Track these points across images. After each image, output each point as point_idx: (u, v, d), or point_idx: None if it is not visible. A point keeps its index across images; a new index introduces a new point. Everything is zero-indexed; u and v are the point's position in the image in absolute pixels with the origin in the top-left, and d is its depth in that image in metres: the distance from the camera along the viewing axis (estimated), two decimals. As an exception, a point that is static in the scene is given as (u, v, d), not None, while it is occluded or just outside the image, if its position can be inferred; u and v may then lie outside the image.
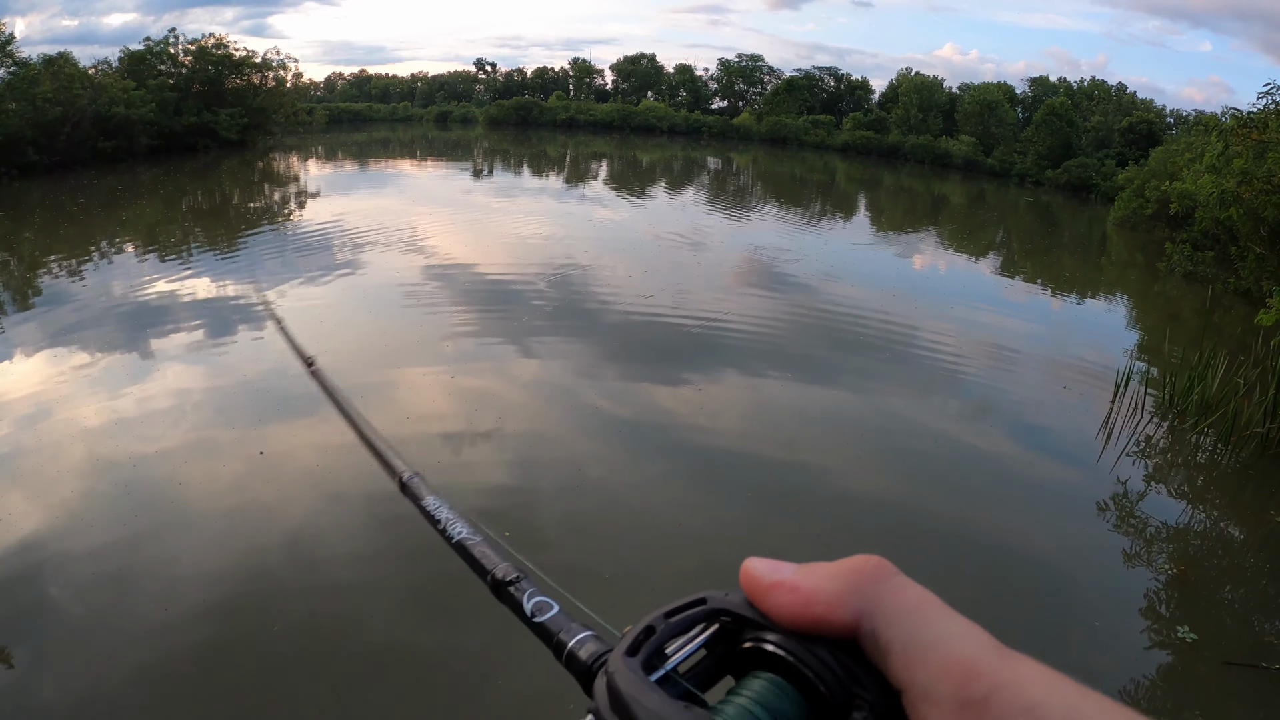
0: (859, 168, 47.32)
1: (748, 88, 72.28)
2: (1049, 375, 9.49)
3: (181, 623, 3.96)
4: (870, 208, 29.95)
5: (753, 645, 0.38)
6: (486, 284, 11.56)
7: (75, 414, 6.40)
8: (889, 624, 0.35)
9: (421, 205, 20.42)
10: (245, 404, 6.71)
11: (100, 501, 5.08)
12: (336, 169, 32.54)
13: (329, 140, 46.03)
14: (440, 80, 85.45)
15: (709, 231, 18.69)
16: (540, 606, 0.49)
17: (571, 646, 0.44)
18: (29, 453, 5.77)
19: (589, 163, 40.34)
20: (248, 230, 16.44)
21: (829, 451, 6.62)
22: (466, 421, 6.56)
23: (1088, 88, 53.45)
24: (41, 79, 23.73)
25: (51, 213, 18.08)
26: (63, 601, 4.16)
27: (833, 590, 0.36)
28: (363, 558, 4.61)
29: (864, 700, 0.34)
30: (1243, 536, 5.97)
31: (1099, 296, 15.86)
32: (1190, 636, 4.41)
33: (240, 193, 23.44)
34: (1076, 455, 7.08)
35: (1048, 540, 5.54)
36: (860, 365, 9.00)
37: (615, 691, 0.35)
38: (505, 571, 0.53)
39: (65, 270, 12.00)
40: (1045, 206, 35.24)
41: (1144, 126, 42.86)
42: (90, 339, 8.45)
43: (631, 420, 6.96)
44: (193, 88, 32.10)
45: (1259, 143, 12.33)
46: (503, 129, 63.39)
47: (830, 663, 0.35)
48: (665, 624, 0.38)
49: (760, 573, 0.39)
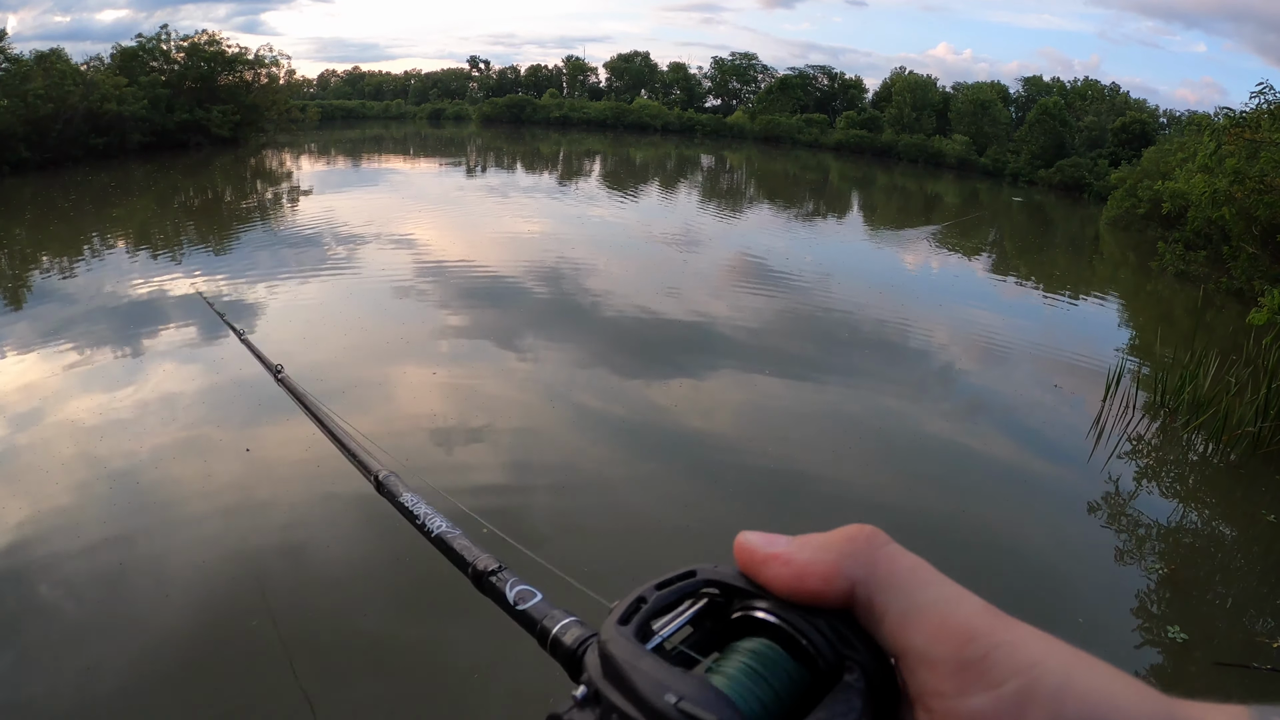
0: (852, 167, 47.37)
1: (741, 86, 72.42)
2: (1040, 374, 9.51)
3: (173, 620, 3.94)
4: (863, 207, 29.99)
5: (742, 614, 0.38)
6: (478, 282, 11.53)
7: (65, 412, 6.37)
8: (883, 590, 0.35)
9: (414, 203, 20.39)
10: (235, 401, 6.67)
11: (90, 499, 5.04)
12: (329, 166, 32.40)
13: (322, 137, 45.88)
14: (434, 78, 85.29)
15: (702, 230, 18.70)
16: (523, 595, 0.49)
17: (556, 632, 0.44)
18: (19, 450, 5.73)
19: (582, 161, 40.28)
20: (240, 227, 16.38)
21: (821, 449, 6.61)
22: (457, 419, 6.54)
23: (1081, 88, 53.60)
24: (33, 75, 23.58)
25: (43, 209, 17.98)
26: (51, 600, 4.13)
27: (827, 561, 0.36)
28: (352, 553, 4.60)
29: (855, 662, 0.35)
30: (1234, 536, 5.98)
31: (1091, 296, 15.90)
32: (1181, 636, 4.42)
33: (232, 190, 23.35)
34: (1067, 454, 7.09)
35: (1038, 539, 5.54)
36: (853, 363, 9.01)
37: (608, 658, 0.35)
38: (486, 563, 0.53)
39: (56, 268, 11.93)
40: (1038, 206, 35.33)
41: (1137, 126, 43.03)
42: (81, 337, 8.39)
43: (624, 418, 6.95)
44: (185, 84, 31.96)
45: (1251, 142, 12.38)
46: (496, 127, 63.30)
47: (821, 627, 0.35)
48: (656, 595, 0.38)
49: (755, 545, 0.38)
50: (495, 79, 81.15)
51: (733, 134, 62.33)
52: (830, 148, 56.79)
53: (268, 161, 31.08)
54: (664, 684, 0.32)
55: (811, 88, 66.20)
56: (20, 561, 4.42)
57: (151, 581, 4.29)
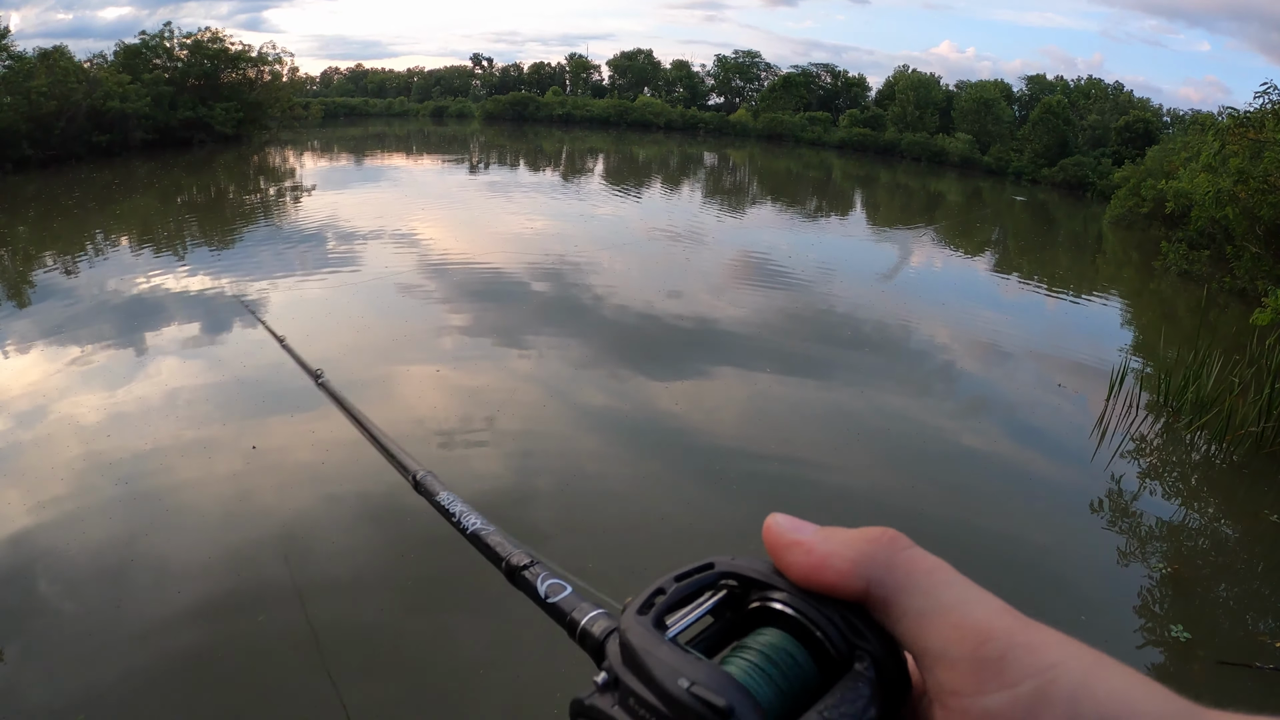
0: (855, 165, 47.32)
1: (744, 84, 72.26)
2: (1044, 373, 9.51)
3: (176, 618, 3.95)
4: (866, 205, 29.96)
5: (759, 605, 0.39)
6: (482, 279, 11.53)
7: (70, 409, 6.39)
8: (903, 590, 0.36)
9: (417, 200, 20.39)
10: (240, 399, 6.69)
11: (94, 497, 5.06)
12: (332, 163, 32.40)
13: (324, 135, 45.91)
14: (436, 75, 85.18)
15: (705, 228, 18.70)
16: (553, 588, 0.50)
17: (584, 624, 0.45)
18: (24, 448, 5.75)
19: (585, 158, 40.27)
20: (243, 225, 16.40)
21: (824, 448, 6.61)
22: (461, 418, 6.55)
23: (1084, 86, 53.42)
24: (36, 73, 23.62)
25: (46, 207, 18.01)
26: (55, 598, 4.14)
27: (847, 556, 0.37)
28: (358, 552, 4.61)
29: (865, 652, 0.36)
30: (1236, 535, 5.98)
31: (1094, 295, 15.89)
32: (1184, 635, 4.42)
33: (235, 187, 23.37)
34: (1071, 453, 7.09)
35: (1041, 538, 5.55)
36: (856, 362, 9.01)
37: (628, 646, 0.36)
38: (519, 558, 0.55)
39: (60, 265, 11.96)
40: (1041, 205, 35.28)
41: (1140, 125, 42.90)
42: (85, 334, 8.42)
43: (629, 416, 6.96)
44: (188, 82, 31.99)
45: (1255, 142, 12.36)
46: (499, 124, 63.30)
47: (834, 617, 0.37)
48: (675, 586, 0.40)
49: (782, 529, 0.40)
50: (498, 76, 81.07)
51: (736, 132, 62.27)
52: (833, 146, 56.71)
53: (271, 159, 31.11)
54: (679, 670, 0.34)
55: (815, 86, 66.09)
56: (26, 557, 4.44)
57: (155, 580, 4.31)
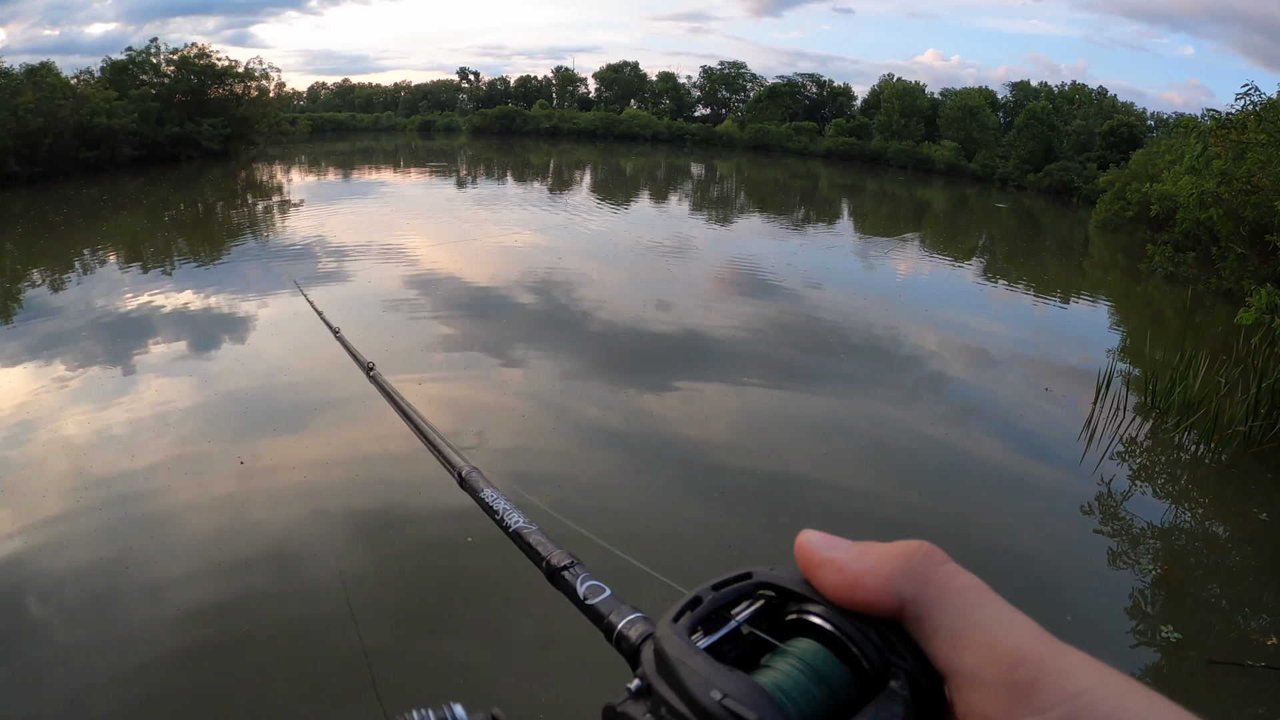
0: (842, 174, 47.52)
1: (730, 95, 72.54)
2: (1032, 377, 9.55)
3: (166, 637, 3.92)
4: (853, 213, 30.10)
5: (796, 617, 0.39)
6: (470, 293, 11.53)
7: (57, 427, 6.34)
8: (936, 609, 0.36)
9: (404, 215, 20.38)
10: (229, 416, 6.66)
11: (83, 515, 5.02)
12: (320, 179, 32.38)
13: (312, 150, 45.90)
14: (423, 89, 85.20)
15: (693, 239, 18.75)
16: (592, 590, 0.50)
17: (621, 627, 0.46)
18: (12, 467, 5.71)
19: (573, 171, 40.35)
20: (230, 241, 16.36)
21: (816, 456, 6.61)
22: (450, 433, 6.53)
23: (1068, 92, 53.83)
24: (23, 89, 23.60)
25: (33, 224, 17.95)
26: (43, 618, 4.11)
27: (881, 574, 0.37)
28: (348, 569, 4.58)
29: (901, 670, 0.35)
30: (1226, 535, 6.01)
31: (1081, 298, 15.99)
32: (1174, 636, 4.43)
33: (223, 203, 23.31)
34: (1060, 456, 7.12)
35: (1031, 541, 5.56)
36: (846, 370, 9.03)
37: (661, 655, 0.36)
38: (559, 559, 0.55)
39: (47, 282, 11.91)
40: (1026, 210, 35.48)
41: (1125, 130, 43.21)
42: (72, 352, 8.36)
43: (620, 428, 6.95)
44: (175, 97, 32.00)
45: (1238, 143, 12.45)
46: (486, 138, 63.40)
47: (870, 634, 0.36)
48: (712, 595, 0.39)
49: (815, 546, 0.39)
50: (485, 90, 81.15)
51: (722, 143, 62.47)
52: (820, 155, 56.96)
53: (258, 174, 31.05)
54: (711, 681, 0.33)
55: (800, 95, 66.38)
56: (15, 577, 4.40)
57: (144, 599, 4.27)
